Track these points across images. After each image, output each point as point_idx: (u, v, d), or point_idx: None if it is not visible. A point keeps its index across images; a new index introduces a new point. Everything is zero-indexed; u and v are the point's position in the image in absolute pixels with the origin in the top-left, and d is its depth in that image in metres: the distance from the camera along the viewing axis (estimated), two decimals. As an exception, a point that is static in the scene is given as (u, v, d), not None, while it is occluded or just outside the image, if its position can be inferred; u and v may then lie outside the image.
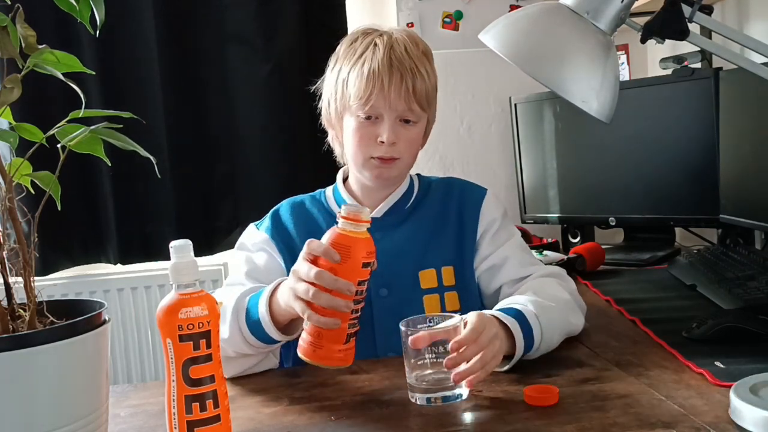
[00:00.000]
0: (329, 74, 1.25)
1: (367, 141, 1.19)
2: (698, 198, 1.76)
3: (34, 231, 0.75)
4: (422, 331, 0.94)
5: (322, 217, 1.26)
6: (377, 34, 1.21)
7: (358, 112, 1.18)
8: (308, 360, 0.94)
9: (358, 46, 1.20)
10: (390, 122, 1.17)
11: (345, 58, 1.21)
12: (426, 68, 1.20)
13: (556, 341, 1.07)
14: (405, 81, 1.16)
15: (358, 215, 0.93)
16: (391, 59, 1.16)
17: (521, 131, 2.20)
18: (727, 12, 1.95)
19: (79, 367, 0.72)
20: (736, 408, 0.78)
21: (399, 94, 1.16)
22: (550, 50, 0.92)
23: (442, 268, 1.22)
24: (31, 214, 0.75)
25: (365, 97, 1.16)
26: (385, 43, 1.18)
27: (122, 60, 2.18)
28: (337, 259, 0.92)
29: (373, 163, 1.20)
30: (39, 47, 0.75)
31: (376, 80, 1.15)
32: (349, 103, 1.19)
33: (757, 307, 1.16)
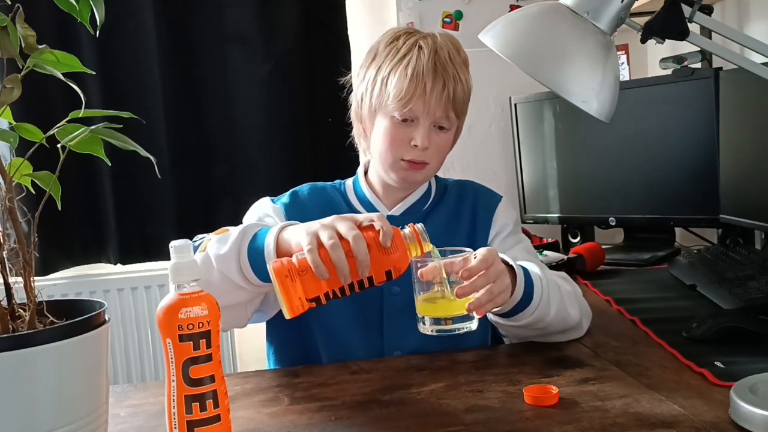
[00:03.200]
0: (366, 69, 1.22)
1: (399, 143, 1.17)
2: (698, 198, 1.76)
3: (34, 231, 0.75)
4: (431, 262, 0.95)
5: (341, 204, 1.26)
6: (421, 35, 1.19)
7: (394, 113, 1.17)
8: (273, 276, 0.89)
9: (401, 46, 1.18)
10: (425, 127, 1.16)
11: (386, 56, 1.19)
12: (466, 76, 1.20)
13: (552, 317, 1.07)
14: (447, 87, 1.15)
15: (424, 241, 0.94)
16: (436, 64, 1.15)
17: (521, 131, 2.20)
18: (727, 12, 1.95)
19: (79, 367, 0.72)
20: (736, 408, 0.78)
21: (440, 99, 1.15)
22: (550, 50, 0.92)
23: None
24: (31, 214, 0.75)
25: (405, 98, 1.14)
26: (430, 46, 1.16)
27: (122, 60, 2.18)
28: (389, 245, 0.91)
29: (402, 166, 1.19)
30: (39, 47, 0.75)
31: (419, 83, 1.14)
32: (386, 102, 1.17)
33: (757, 307, 1.16)
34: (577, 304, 1.16)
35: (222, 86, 2.24)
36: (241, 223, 1.27)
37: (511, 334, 1.16)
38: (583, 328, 1.17)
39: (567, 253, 1.77)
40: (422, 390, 0.96)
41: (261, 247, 0.99)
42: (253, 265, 1.00)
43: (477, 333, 1.21)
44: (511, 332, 1.15)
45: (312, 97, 2.26)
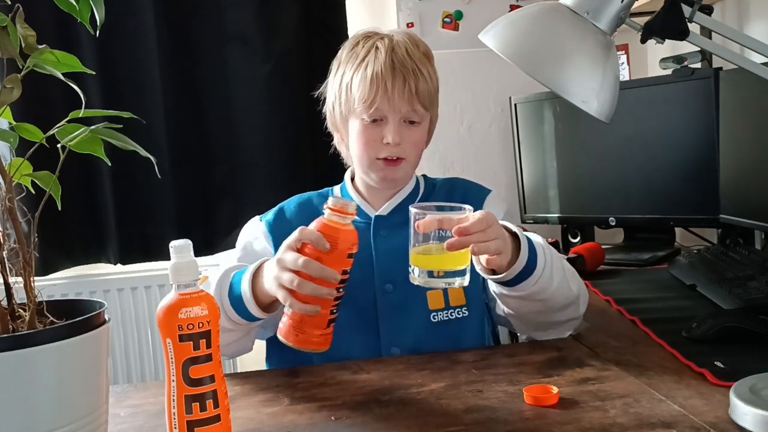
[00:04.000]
0: (332, 79, 1.26)
1: (372, 143, 1.20)
2: (698, 198, 1.76)
3: (34, 231, 0.75)
4: (429, 215, 0.95)
5: None
6: (378, 37, 1.22)
7: (362, 115, 1.19)
8: (288, 343, 0.97)
9: (360, 50, 1.21)
10: (394, 124, 1.19)
11: (347, 62, 1.23)
12: (428, 69, 1.21)
13: (555, 287, 1.07)
14: (408, 82, 1.17)
15: (345, 208, 0.95)
16: (393, 61, 1.18)
17: (521, 131, 2.20)
18: (727, 12, 1.95)
19: (79, 367, 0.72)
20: (736, 408, 0.78)
21: (402, 95, 1.17)
22: (550, 50, 0.92)
23: None
24: (31, 214, 0.75)
25: (369, 100, 1.17)
26: (386, 46, 1.19)
27: (122, 60, 2.18)
28: (328, 248, 0.94)
29: (379, 165, 1.21)
30: (39, 47, 0.75)
31: (380, 83, 1.17)
32: (353, 107, 1.20)
33: (757, 307, 1.16)
34: (576, 282, 1.15)
35: (222, 86, 2.24)
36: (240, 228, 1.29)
37: (514, 309, 1.14)
38: (581, 307, 1.16)
39: (567, 253, 1.77)
40: (422, 390, 0.96)
41: (240, 295, 1.05)
42: (239, 312, 1.06)
43: (476, 331, 1.22)
44: (514, 306, 1.12)
45: (312, 97, 2.25)
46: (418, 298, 1.19)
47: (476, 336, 1.22)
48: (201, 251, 2.19)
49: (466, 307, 1.20)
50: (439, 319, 1.19)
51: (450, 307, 1.20)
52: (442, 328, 1.19)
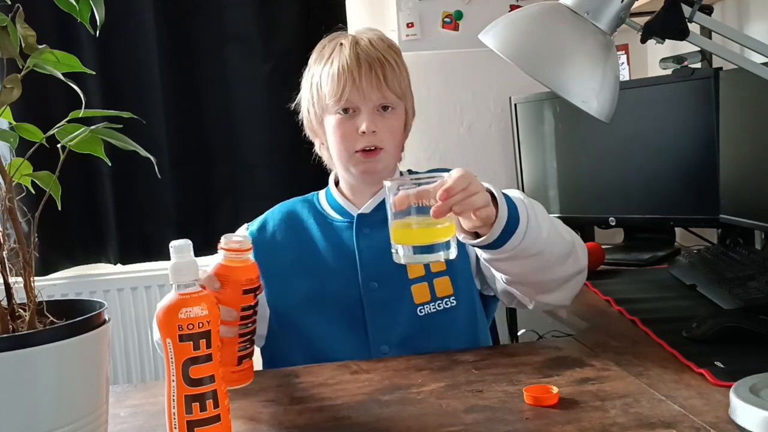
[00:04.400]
0: (304, 84, 1.29)
1: (348, 135, 1.21)
2: (698, 198, 1.76)
3: (34, 231, 0.75)
4: (403, 190, 0.92)
5: (314, 221, 1.28)
6: (343, 36, 1.25)
7: (335, 110, 1.21)
8: None
9: (326, 51, 1.24)
10: (367, 112, 1.19)
11: (315, 64, 1.26)
12: (394, 59, 1.22)
13: (545, 236, 1.04)
14: (374, 70, 1.19)
15: (236, 245, 0.94)
16: (358, 53, 1.20)
17: (521, 131, 2.20)
18: (727, 12, 1.95)
19: (79, 367, 0.72)
20: (736, 408, 0.78)
21: (371, 83, 1.19)
22: (550, 50, 0.92)
23: None
24: (31, 214, 0.75)
25: (339, 92, 1.19)
26: (350, 42, 1.22)
27: (122, 60, 2.18)
28: (217, 287, 0.93)
29: (358, 158, 1.21)
30: (39, 47, 0.75)
31: (347, 74, 1.18)
32: (326, 103, 1.22)
33: (757, 307, 1.16)
34: (568, 231, 1.13)
35: (222, 86, 2.24)
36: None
37: (512, 274, 1.10)
38: (580, 257, 1.13)
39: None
40: (422, 390, 0.96)
41: None
42: None
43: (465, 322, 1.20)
44: (511, 270, 1.09)
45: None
46: (403, 294, 1.19)
47: (466, 326, 1.21)
48: (201, 251, 2.18)
49: (453, 297, 1.19)
50: (427, 312, 1.19)
51: (437, 298, 1.19)
52: (430, 320, 1.18)
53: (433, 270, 1.20)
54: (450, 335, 1.18)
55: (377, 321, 1.20)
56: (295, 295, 1.22)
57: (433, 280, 1.20)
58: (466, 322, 1.21)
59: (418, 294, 1.19)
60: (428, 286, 1.19)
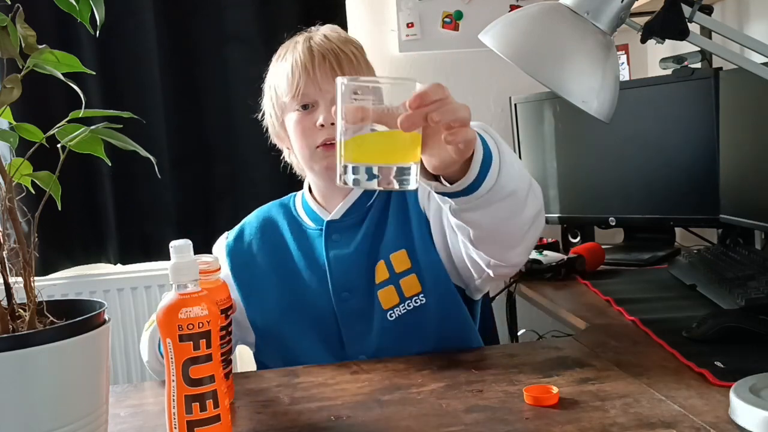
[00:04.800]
0: (264, 89, 1.26)
1: (308, 131, 1.17)
2: (698, 198, 1.76)
3: (34, 231, 0.75)
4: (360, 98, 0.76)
5: (287, 227, 1.26)
6: (299, 35, 1.23)
7: (293, 106, 1.18)
8: None
9: (282, 51, 1.23)
10: (325, 105, 1.15)
11: (272, 66, 1.24)
12: (352, 52, 1.19)
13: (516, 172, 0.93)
14: (328, 60, 1.16)
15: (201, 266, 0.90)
16: (311, 46, 1.18)
17: (521, 131, 2.20)
18: (727, 12, 1.95)
19: (79, 367, 0.72)
20: (736, 408, 0.78)
21: (326, 74, 1.15)
22: (550, 50, 0.92)
23: (390, 256, 1.17)
24: (31, 214, 0.75)
25: (295, 86, 1.16)
26: (304, 38, 1.21)
27: (122, 60, 2.18)
28: None
29: (320, 153, 1.16)
30: (39, 47, 0.75)
31: (301, 68, 1.16)
32: (283, 101, 1.20)
33: (757, 307, 1.16)
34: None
35: (222, 86, 2.24)
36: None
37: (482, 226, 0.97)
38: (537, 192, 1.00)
39: (567, 253, 1.77)
40: (422, 390, 0.96)
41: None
42: None
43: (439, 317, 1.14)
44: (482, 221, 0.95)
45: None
46: (373, 301, 1.16)
47: (441, 322, 1.16)
48: (201, 251, 2.18)
49: (422, 294, 1.15)
50: (397, 315, 1.15)
51: (405, 298, 1.15)
52: (401, 322, 1.15)
53: (398, 270, 1.16)
54: (426, 334, 1.14)
55: (352, 331, 1.17)
56: (272, 306, 1.20)
57: (399, 280, 1.16)
58: (440, 319, 1.16)
59: (385, 299, 1.16)
60: (395, 288, 1.16)
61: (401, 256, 1.17)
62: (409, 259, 1.17)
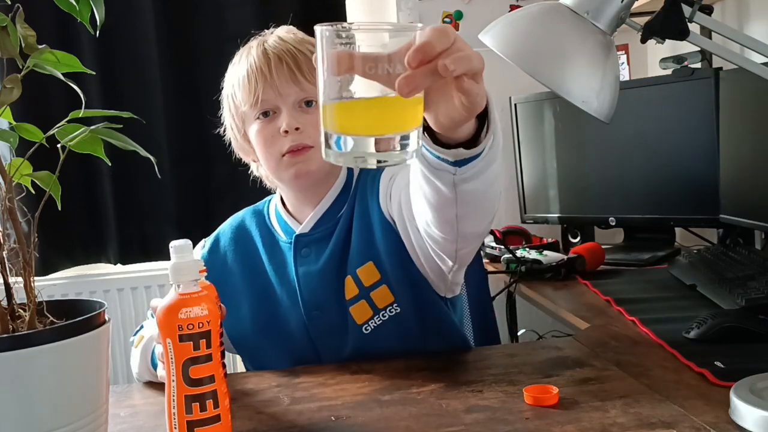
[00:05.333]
0: (224, 102, 1.19)
1: (272, 139, 1.11)
2: (698, 198, 1.76)
3: (34, 231, 0.75)
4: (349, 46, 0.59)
5: (260, 237, 1.21)
6: (253, 40, 1.17)
7: (254, 114, 1.12)
8: None
9: (236, 58, 1.16)
10: (287, 110, 1.09)
11: (227, 76, 1.17)
12: (307, 47, 1.12)
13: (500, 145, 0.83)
14: (285, 62, 1.09)
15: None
16: (266, 50, 1.11)
17: (521, 131, 2.20)
18: (727, 12, 1.95)
19: (79, 367, 0.72)
20: (736, 408, 0.78)
21: (285, 77, 1.09)
22: (550, 50, 0.92)
23: (357, 271, 1.12)
24: (31, 214, 0.75)
25: (252, 93, 1.10)
26: (258, 43, 1.14)
27: (122, 60, 2.18)
28: None
29: (286, 161, 1.10)
30: (39, 47, 0.75)
31: (257, 74, 1.10)
32: (243, 111, 1.13)
33: (757, 307, 1.16)
34: None
35: (222, 86, 2.24)
36: None
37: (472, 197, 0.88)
38: None
39: (567, 253, 1.77)
40: (422, 390, 0.96)
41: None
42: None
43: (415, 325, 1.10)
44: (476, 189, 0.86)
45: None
46: (346, 317, 1.12)
47: (420, 325, 1.12)
48: (201, 251, 2.19)
49: (395, 303, 1.10)
50: (373, 327, 1.11)
51: (378, 310, 1.10)
52: (378, 333, 1.11)
53: (367, 284, 1.11)
54: (405, 339, 1.11)
55: (327, 347, 1.14)
56: (246, 321, 1.17)
57: (370, 293, 1.11)
58: (418, 322, 1.12)
59: (358, 314, 1.11)
60: (366, 303, 1.11)
61: (369, 268, 1.12)
62: (378, 271, 1.11)
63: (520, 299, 1.87)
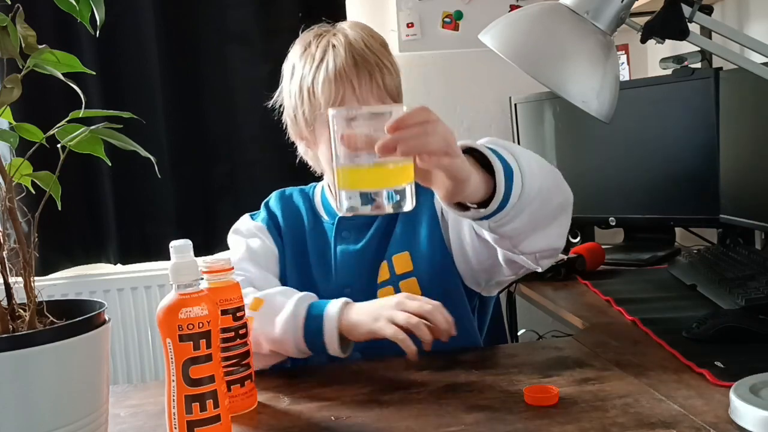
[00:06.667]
0: (288, 84, 1.21)
1: None
2: (698, 198, 1.76)
3: (34, 231, 0.75)
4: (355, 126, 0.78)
5: (305, 212, 1.27)
6: (330, 34, 1.17)
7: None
8: None
9: (315, 51, 1.16)
10: None
11: (304, 65, 1.17)
12: (389, 60, 1.16)
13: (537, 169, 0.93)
14: (374, 77, 1.12)
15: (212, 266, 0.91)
16: (355, 57, 1.12)
17: (521, 131, 2.20)
18: (727, 12, 1.95)
19: (79, 367, 0.72)
20: (736, 408, 0.78)
21: (371, 91, 1.12)
22: (550, 50, 0.92)
23: (393, 257, 1.18)
24: (31, 214, 0.75)
25: (337, 101, 1.12)
26: (343, 43, 1.14)
27: (122, 60, 2.18)
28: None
29: None
30: (39, 47, 0.75)
31: (345, 82, 1.11)
32: (320, 111, 1.14)
33: (757, 307, 1.16)
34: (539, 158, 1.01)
35: (222, 86, 2.25)
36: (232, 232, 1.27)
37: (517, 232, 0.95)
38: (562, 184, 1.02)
39: (567, 253, 1.77)
40: (422, 390, 0.96)
41: (320, 329, 1.02)
42: (313, 348, 1.04)
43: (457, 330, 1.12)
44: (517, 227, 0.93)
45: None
46: (374, 298, 1.11)
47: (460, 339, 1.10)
48: (201, 251, 2.19)
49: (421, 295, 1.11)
50: None
51: None
52: None
53: (398, 272, 1.17)
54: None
55: None
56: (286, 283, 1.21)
57: (399, 282, 1.16)
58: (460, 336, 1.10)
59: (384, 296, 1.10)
60: (393, 290, 1.15)
61: (404, 257, 1.18)
62: (412, 263, 1.18)
63: (520, 299, 1.87)
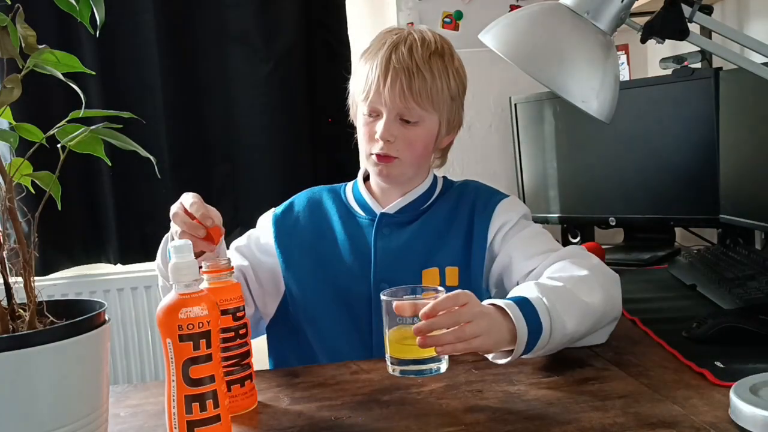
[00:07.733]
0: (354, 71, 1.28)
1: (369, 138, 1.21)
2: (698, 198, 1.76)
3: (34, 231, 0.75)
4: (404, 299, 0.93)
5: (335, 211, 1.29)
6: (394, 32, 1.22)
7: (363, 108, 1.21)
8: None
9: (371, 45, 1.23)
10: (386, 119, 1.18)
11: (364, 54, 1.24)
12: (432, 69, 1.18)
13: (574, 326, 0.97)
14: (400, 80, 1.16)
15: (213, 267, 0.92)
16: (390, 59, 1.17)
17: (521, 131, 2.20)
18: (727, 12, 1.95)
19: (79, 367, 0.72)
20: (736, 408, 0.78)
21: (393, 92, 1.16)
22: (550, 50, 0.92)
23: (446, 269, 1.21)
24: (31, 214, 0.75)
25: (365, 93, 1.19)
26: (392, 42, 1.19)
27: (122, 60, 2.18)
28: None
29: (373, 161, 1.21)
30: (39, 47, 0.75)
31: (374, 80, 1.18)
32: (356, 99, 1.23)
33: (757, 307, 1.16)
34: (596, 284, 1.03)
35: (222, 86, 2.25)
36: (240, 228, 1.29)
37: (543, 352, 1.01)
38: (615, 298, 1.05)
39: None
40: (422, 390, 0.96)
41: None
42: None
43: None
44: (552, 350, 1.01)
45: (312, 97, 2.26)
46: None
47: None
48: (201, 251, 2.19)
49: None
50: None
51: None
52: None
53: (448, 283, 1.20)
54: None
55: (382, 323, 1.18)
56: (307, 281, 1.23)
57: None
58: None
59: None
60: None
61: (453, 272, 1.21)
62: (459, 279, 1.21)
63: (520, 299, 1.86)
